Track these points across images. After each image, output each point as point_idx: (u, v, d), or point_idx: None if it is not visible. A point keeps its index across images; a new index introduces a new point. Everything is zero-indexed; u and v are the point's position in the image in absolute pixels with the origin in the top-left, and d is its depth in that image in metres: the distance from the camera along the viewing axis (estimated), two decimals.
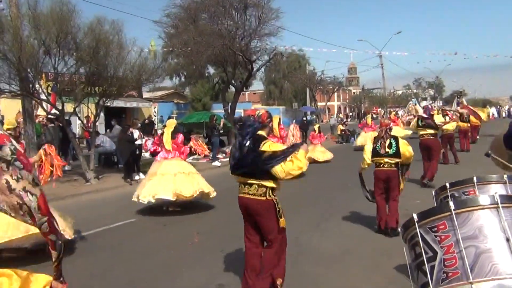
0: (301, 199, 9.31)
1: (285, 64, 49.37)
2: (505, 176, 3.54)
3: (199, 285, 4.93)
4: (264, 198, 4.24)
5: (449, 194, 3.73)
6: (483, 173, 3.96)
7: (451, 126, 13.41)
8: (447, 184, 3.80)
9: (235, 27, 19.57)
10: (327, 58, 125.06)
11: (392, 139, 6.76)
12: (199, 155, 9.42)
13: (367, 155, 6.80)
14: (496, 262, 2.27)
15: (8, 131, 5.68)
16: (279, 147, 4.30)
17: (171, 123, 9.11)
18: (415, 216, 2.61)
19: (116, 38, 11.92)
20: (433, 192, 4.00)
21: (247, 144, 4.23)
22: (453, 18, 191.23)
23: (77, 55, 11.55)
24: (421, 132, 10.81)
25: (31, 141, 12.14)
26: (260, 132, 4.30)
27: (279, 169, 4.07)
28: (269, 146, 4.19)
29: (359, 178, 6.94)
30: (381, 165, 6.76)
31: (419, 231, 2.57)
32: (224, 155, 18.17)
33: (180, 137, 9.04)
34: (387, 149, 6.73)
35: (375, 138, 6.97)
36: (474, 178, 3.60)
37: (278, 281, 4.27)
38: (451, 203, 2.47)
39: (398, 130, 21.73)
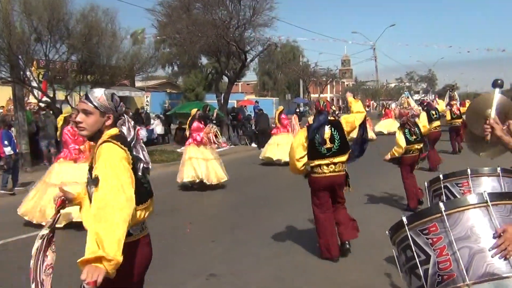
0: (294, 191, 9.32)
1: (279, 55, 49.14)
2: (498, 168, 3.54)
3: (191, 274, 4.93)
4: (344, 172, 5.23)
5: (442, 185, 3.72)
6: (476, 166, 3.96)
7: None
8: (441, 176, 3.78)
9: (229, 16, 19.41)
10: (320, 50, 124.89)
11: (416, 126, 7.50)
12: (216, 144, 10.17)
13: (403, 143, 7.32)
14: (491, 262, 2.24)
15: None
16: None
17: (194, 112, 9.91)
18: (404, 219, 2.51)
19: (109, 27, 11.80)
20: (426, 183, 3.98)
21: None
22: (447, 12, 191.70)
23: (69, 42, 11.41)
24: (434, 125, 11.25)
25: (21, 128, 12.02)
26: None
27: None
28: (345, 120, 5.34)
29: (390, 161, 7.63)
30: (411, 152, 7.38)
31: (410, 234, 2.49)
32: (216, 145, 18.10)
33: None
34: (414, 136, 7.36)
35: (401, 127, 7.50)
36: (468, 170, 3.58)
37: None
38: (441, 205, 2.42)
39: (390, 123, 21.84)
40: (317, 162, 5.11)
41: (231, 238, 6.23)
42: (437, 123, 11.57)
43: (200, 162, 9.48)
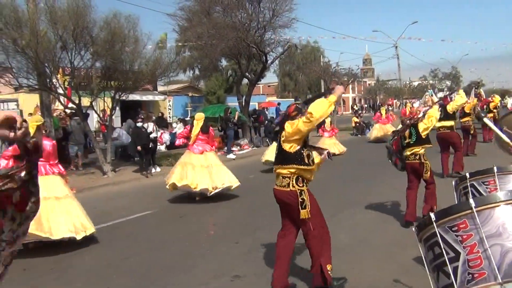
0: (314, 191, 9.31)
1: (300, 56, 48.98)
2: None
3: (215, 276, 5.00)
4: (288, 189, 4.28)
5: (468, 184, 3.68)
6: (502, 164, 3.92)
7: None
8: (467, 175, 3.74)
9: (248, 19, 19.51)
10: (341, 50, 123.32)
11: (412, 127, 6.53)
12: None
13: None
14: None
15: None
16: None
17: (200, 117, 9.21)
18: (432, 215, 2.49)
19: (132, 33, 12.01)
20: (453, 182, 3.95)
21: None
22: (470, 7, 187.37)
23: (93, 49, 11.68)
24: (438, 125, 10.30)
25: (49, 134, 12.35)
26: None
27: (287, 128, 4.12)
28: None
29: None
30: (407, 158, 6.61)
31: (438, 231, 2.44)
32: (239, 147, 18.24)
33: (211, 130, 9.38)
34: (407, 139, 6.56)
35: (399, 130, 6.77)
36: (495, 168, 3.54)
37: (328, 267, 4.29)
38: (471, 201, 2.38)
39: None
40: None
41: (254, 239, 6.28)
42: (443, 123, 10.24)
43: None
